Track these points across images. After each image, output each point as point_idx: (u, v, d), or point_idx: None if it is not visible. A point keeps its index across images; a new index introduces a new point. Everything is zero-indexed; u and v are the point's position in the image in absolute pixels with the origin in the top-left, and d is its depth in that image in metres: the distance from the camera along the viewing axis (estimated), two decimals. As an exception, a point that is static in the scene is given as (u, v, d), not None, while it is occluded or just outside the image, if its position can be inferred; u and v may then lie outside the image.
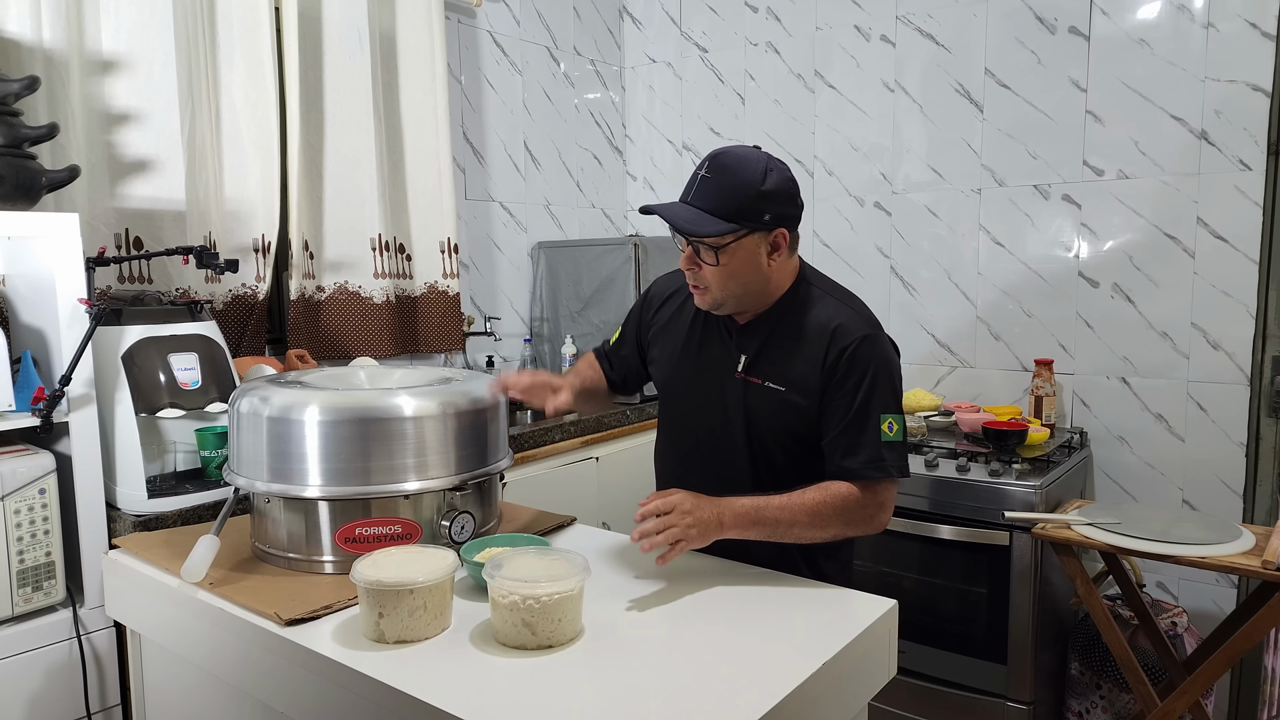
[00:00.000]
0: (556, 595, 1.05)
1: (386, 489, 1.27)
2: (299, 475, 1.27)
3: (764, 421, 1.37)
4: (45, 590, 1.45)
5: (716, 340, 1.43)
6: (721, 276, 1.31)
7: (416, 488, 1.29)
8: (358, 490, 1.27)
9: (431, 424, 1.30)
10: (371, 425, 1.27)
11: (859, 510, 1.31)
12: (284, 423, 1.27)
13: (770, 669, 1.01)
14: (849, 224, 2.92)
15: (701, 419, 1.44)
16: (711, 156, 1.30)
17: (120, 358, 1.54)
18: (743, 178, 1.27)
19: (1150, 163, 2.38)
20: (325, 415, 1.26)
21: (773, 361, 1.37)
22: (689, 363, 1.46)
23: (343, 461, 1.26)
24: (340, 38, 2.33)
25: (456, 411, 1.33)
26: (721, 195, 1.27)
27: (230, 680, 1.20)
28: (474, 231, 2.89)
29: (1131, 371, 2.46)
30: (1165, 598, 2.44)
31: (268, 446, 1.28)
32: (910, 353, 2.83)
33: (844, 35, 2.88)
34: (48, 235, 1.47)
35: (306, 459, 1.26)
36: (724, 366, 1.41)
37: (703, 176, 1.29)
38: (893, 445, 1.31)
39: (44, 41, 1.77)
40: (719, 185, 1.27)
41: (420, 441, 1.29)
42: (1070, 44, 2.48)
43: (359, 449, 1.26)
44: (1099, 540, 1.91)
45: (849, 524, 1.31)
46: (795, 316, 1.37)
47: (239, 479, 1.33)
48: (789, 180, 1.33)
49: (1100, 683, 2.26)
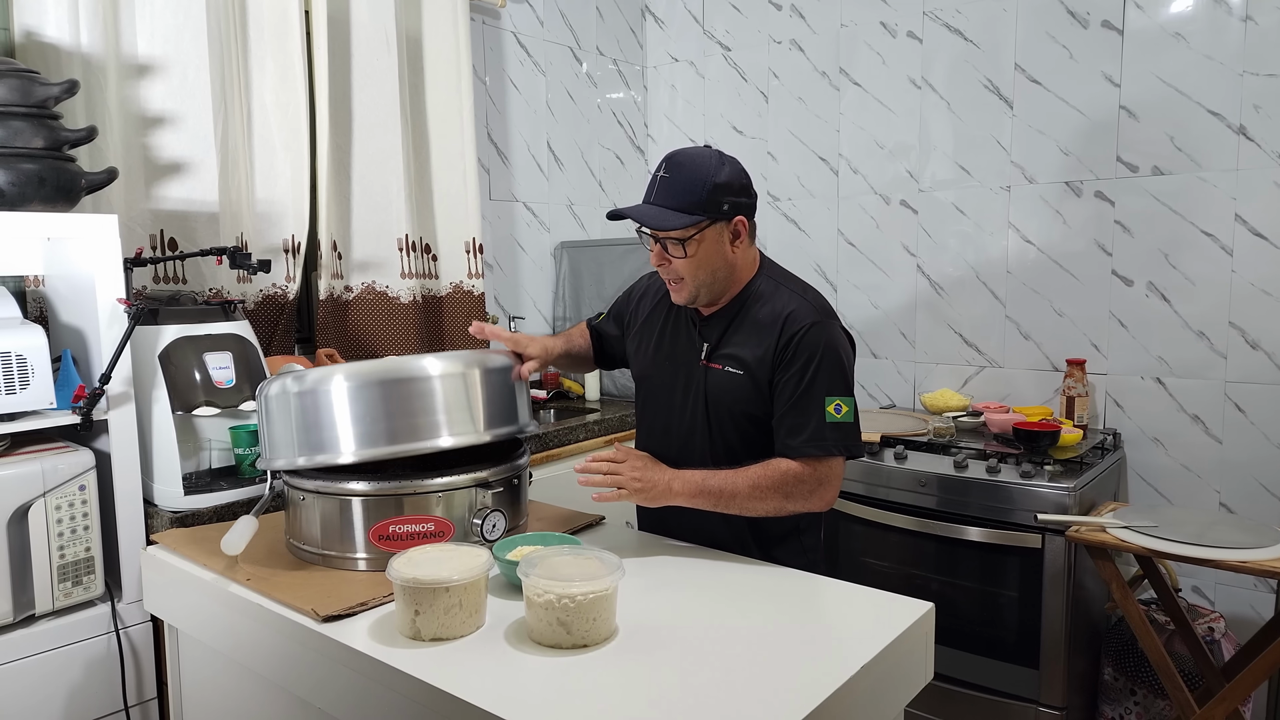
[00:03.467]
0: (592, 595, 1.05)
1: (418, 445, 1.28)
2: (330, 444, 1.27)
3: (722, 403, 1.46)
4: (84, 585, 1.47)
5: (684, 332, 1.54)
6: (692, 267, 1.40)
7: (450, 443, 1.30)
8: (389, 485, 1.28)
9: (454, 381, 1.32)
10: (398, 385, 1.29)
11: (797, 485, 1.37)
12: (311, 394, 1.29)
13: (807, 672, 1.00)
14: (874, 222, 2.90)
15: (670, 404, 1.54)
16: (667, 158, 1.41)
17: (157, 357, 1.57)
18: (698, 173, 1.37)
19: (1186, 158, 2.34)
20: (352, 381, 1.28)
21: (731, 348, 1.46)
22: (662, 354, 1.56)
23: (372, 423, 1.27)
24: (368, 40, 2.35)
25: (482, 368, 1.36)
26: (681, 191, 1.37)
27: (266, 674, 1.21)
28: (498, 232, 2.90)
29: (1167, 372, 2.42)
30: (1201, 602, 2.40)
31: (298, 420, 1.29)
32: (937, 352, 2.81)
33: (869, 32, 2.85)
34: (88, 236, 1.49)
35: (336, 425, 1.27)
36: (690, 355, 1.51)
37: (661, 177, 1.39)
38: (839, 426, 1.38)
39: (82, 46, 1.79)
40: (677, 182, 1.37)
41: (448, 399, 1.31)
42: (1103, 38, 2.44)
43: (387, 409, 1.27)
44: (1136, 544, 1.88)
45: (788, 498, 1.37)
46: (754, 306, 1.46)
47: (275, 461, 1.34)
48: (741, 172, 1.43)
49: (1135, 688, 2.22)
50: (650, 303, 1.63)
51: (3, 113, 1.47)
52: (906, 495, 2.29)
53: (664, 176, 1.39)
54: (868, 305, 2.94)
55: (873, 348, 2.95)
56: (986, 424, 2.47)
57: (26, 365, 1.43)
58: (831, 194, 3.00)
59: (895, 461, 2.32)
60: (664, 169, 1.39)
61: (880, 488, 2.34)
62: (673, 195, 1.37)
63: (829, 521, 2.42)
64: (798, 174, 3.06)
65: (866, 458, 2.37)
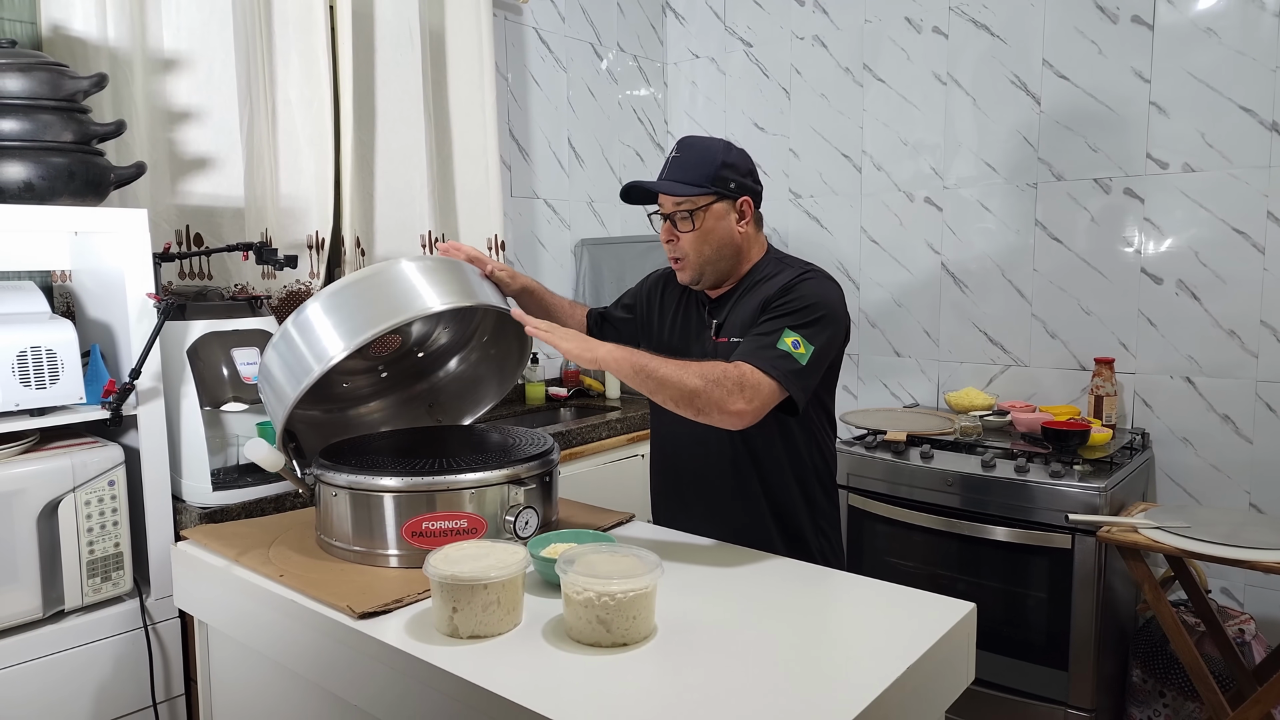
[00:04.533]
0: (632, 593, 1.03)
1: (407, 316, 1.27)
2: (320, 352, 1.25)
3: None
4: (114, 581, 1.47)
5: (695, 316, 1.57)
6: (697, 242, 1.45)
7: (440, 305, 1.29)
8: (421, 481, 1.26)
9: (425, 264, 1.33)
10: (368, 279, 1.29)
11: (721, 380, 1.28)
12: (292, 325, 1.28)
13: (851, 674, 0.99)
14: (898, 219, 2.88)
15: None
16: (679, 141, 1.49)
17: (185, 352, 1.56)
18: (708, 153, 1.46)
19: (1218, 155, 2.31)
20: (322, 295, 1.27)
21: (736, 320, 1.49)
22: (674, 338, 1.59)
23: (351, 315, 1.25)
24: (392, 35, 2.34)
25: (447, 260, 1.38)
26: (691, 167, 1.44)
27: (300, 671, 1.20)
28: (519, 228, 2.89)
29: (1197, 371, 2.38)
30: (1230, 604, 2.37)
31: (290, 354, 1.27)
32: (961, 351, 2.78)
33: (894, 28, 2.83)
34: (117, 230, 1.49)
35: (321, 337, 1.25)
36: (701, 335, 1.54)
37: (674, 157, 1.47)
38: (787, 356, 1.33)
39: (109, 39, 1.79)
40: (688, 160, 1.45)
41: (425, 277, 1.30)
42: (1133, 33, 2.41)
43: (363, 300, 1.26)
44: (1169, 544, 1.85)
45: (708, 384, 1.28)
46: (761, 285, 1.49)
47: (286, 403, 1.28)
48: (748, 158, 1.51)
49: (1164, 690, 2.19)
50: (660, 292, 1.66)
51: (32, 106, 1.47)
52: (932, 494, 2.27)
53: (675, 156, 1.47)
54: (891, 303, 2.92)
55: (896, 346, 2.92)
56: (1013, 423, 2.44)
57: (56, 360, 1.43)
58: (854, 191, 2.97)
59: (921, 461, 2.30)
60: (675, 150, 1.48)
61: (904, 486, 2.32)
62: (683, 170, 1.44)
63: (852, 520, 2.40)
64: (820, 171, 3.04)
65: (892, 456, 2.35)
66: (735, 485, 1.51)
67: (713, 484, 1.53)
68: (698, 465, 1.54)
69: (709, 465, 1.52)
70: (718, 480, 1.52)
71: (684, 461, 1.57)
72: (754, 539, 1.44)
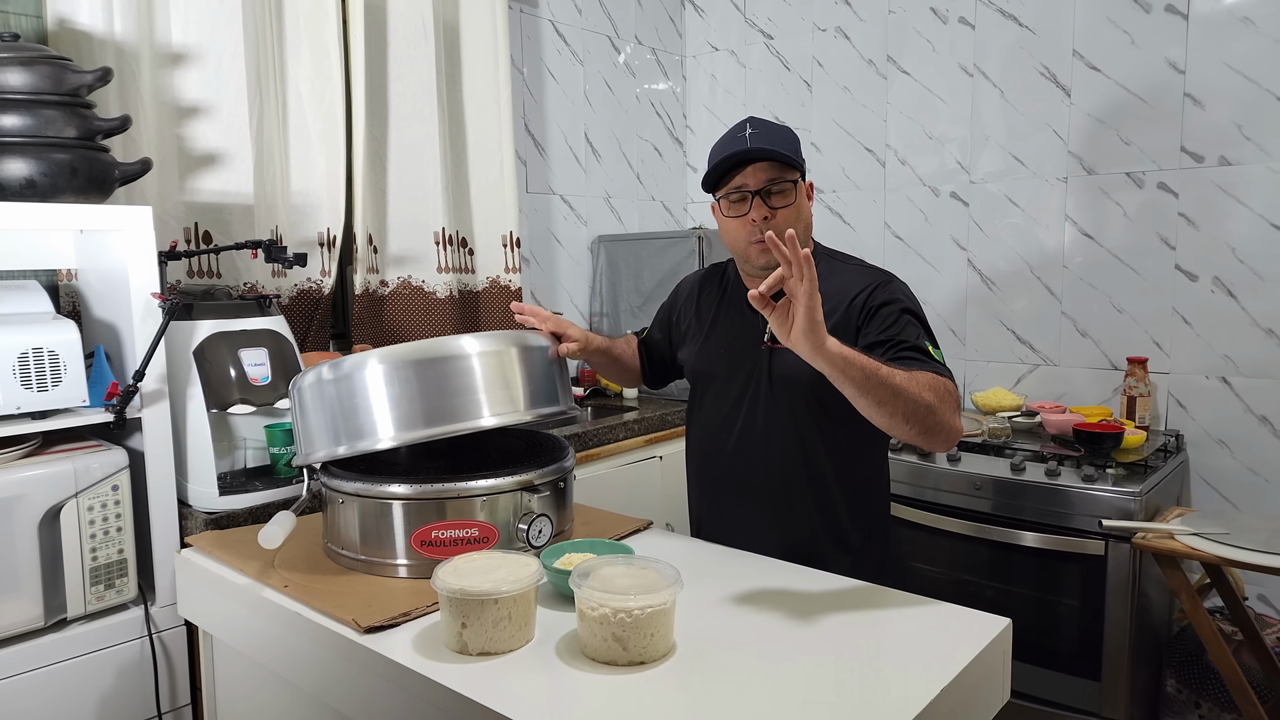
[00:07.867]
0: (649, 609, 0.98)
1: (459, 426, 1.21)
2: (368, 429, 1.21)
3: (794, 380, 1.38)
4: (117, 588, 1.43)
5: (739, 319, 1.47)
6: (793, 218, 1.36)
7: (493, 422, 1.22)
8: (430, 489, 1.22)
9: (491, 359, 1.25)
10: (434, 365, 1.22)
11: (945, 396, 1.20)
12: (346, 380, 1.22)
13: (882, 696, 0.93)
14: (923, 215, 2.80)
15: (727, 394, 1.47)
16: (749, 119, 1.39)
17: (192, 353, 1.52)
18: (784, 131, 1.39)
19: (1255, 148, 2.22)
20: (387, 363, 1.21)
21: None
22: (717, 344, 1.50)
23: (409, 404, 1.20)
24: (405, 28, 2.29)
25: (520, 347, 1.30)
26: (782, 141, 1.36)
27: (304, 686, 1.16)
28: (535, 225, 2.84)
29: (1233, 371, 2.30)
30: (1268, 611, 2.28)
31: (333, 409, 1.23)
32: (988, 350, 2.70)
33: (919, 18, 2.75)
34: (122, 228, 1.45)
35: (374, 410, 1.21)
36: (749, 339, 1.44)
37: (753, 133, 1.36)
38: (942, 364, 1.28)
39: (115, 33, 1.75)
40: (774, 134, 1.36)
41: (486, 378, 1.24)
42: (1167, 23, 2.32)
43: (424, 389, 1.20)
44: (1208, 551, 1.78)
45: (938, 399, 1.18)
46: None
47: (314, 454, 1.27)
48: None
49: (1199, 701, 2.12)
50: (696, 299, 1.58)
51: (34, 101, 1.43)
52: (959, 498, 2.20)
53: (755, 132, 1.36)
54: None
55: (918, 345, 2.85)
56: (1043, 425, 2.36)
57: (59, 361, 1.39)
58: (878, 186, 2.90)
59: (948, 463, 2.23)
60: (749, 126, 1.37)
61: (930, 490, 2.25)
62: (778, 143, 1.34)
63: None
64: (843, 165, 2.97)
65: (917, 458, 2.28)
66: (804, 491, 1.41)
67: (773, 490, 1.43)
68: (752, 472, 1.44)
69: (770, 471, 1.42)
70: (779, 486, 1.42)
71: (737, 468, 1.46)
72: (811, 549, 1.38)
